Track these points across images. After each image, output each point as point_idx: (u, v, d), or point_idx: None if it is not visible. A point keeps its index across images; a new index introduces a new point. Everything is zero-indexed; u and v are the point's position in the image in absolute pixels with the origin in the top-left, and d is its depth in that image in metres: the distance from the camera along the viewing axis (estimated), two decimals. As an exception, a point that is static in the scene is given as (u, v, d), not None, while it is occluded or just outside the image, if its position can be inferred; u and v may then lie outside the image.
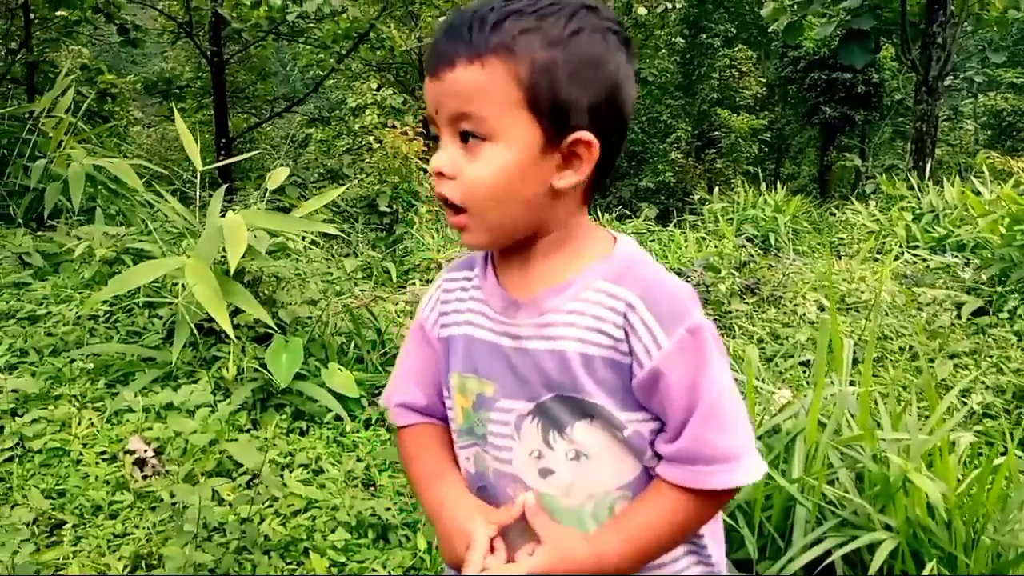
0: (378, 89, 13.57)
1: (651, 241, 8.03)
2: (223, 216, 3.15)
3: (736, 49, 17.13)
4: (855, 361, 3.79)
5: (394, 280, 5.33)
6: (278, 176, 3.71)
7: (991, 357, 3.61)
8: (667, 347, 0.84)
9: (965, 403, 3.16)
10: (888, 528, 1.77)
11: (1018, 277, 4.41)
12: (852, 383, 2.32)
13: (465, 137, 0.84)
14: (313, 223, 3.36)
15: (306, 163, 14.63)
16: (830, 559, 1.75)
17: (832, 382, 2.20)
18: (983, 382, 3.33)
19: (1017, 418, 3.01)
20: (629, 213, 10.81)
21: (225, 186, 3.50)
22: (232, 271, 2.67)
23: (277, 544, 2.07)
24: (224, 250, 2.92)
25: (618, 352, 0.86)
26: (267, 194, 3.74)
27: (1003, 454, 2.40)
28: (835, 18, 11.03)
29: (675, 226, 8.93)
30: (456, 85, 0.83)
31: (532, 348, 0.89)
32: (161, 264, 2.88)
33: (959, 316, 4.23)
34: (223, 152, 12.17)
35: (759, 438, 2.09)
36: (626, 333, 0.85)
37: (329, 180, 12.09)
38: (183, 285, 2.98)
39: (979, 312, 4.35)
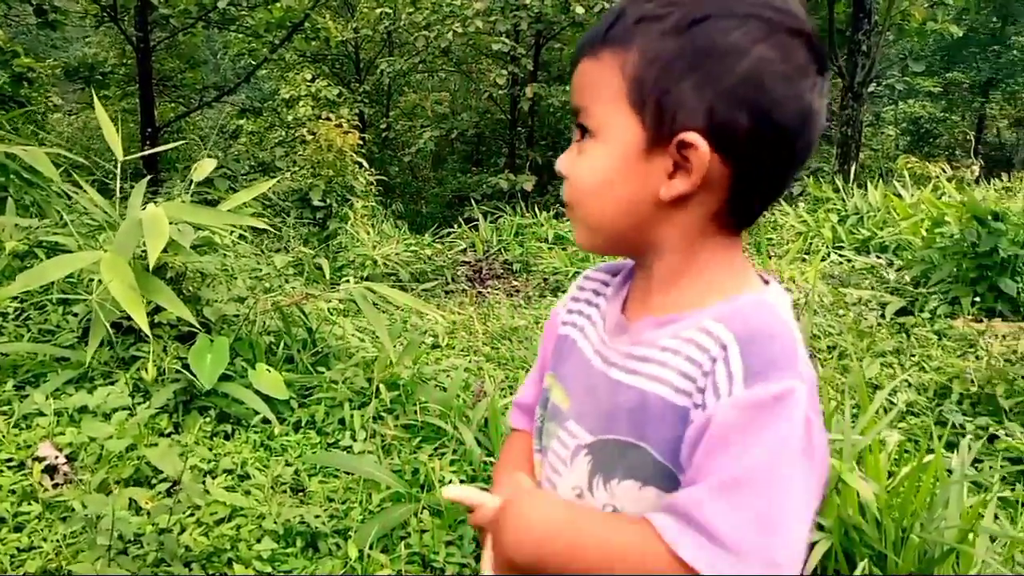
0: (313, 80, 13.28)
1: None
2: (144, 209, 3.01)
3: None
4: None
5: (327, 277, 5.20)
6: (204, 167, 3.56)
7: (913, 356, 3.73)
8: (738, 396, 0.67)
9: (893, 403, 3.25)
10: (820, 528, 1.78)
11: (938, 278, 4.57)
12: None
13: (582, 133, 0.79)
14: (240, 217, 3.23)
15: (236, 155, 14.21)
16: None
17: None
18: (907, 380, 3.43)
19: (938, 416, 3.11)
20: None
21: (149, 177, 3.34)
22: (152, 266, 2.53)
23: (199, 555, 1.97)
24: (144, 244, 2.78)
25: (694, 404, 0.70)
26: (192, 186, 3.59)
27: (929, 452, 2.46)
28: (766, 23, 11.27)
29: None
30: (577, 78, 0.78)
31: (615, 377, 0.79)
32: (76, 258, 2.72)
33: (883, 316, 4.36)
34: (149, 142, 11.71)
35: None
36: (707, 377, 0.70)
37: (260, 172, 11.75)
38: (100, 281, 2.83)
39: (902, 312, 4.49)
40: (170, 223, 3.07)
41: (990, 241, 4.28)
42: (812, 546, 1.71)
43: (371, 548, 2.07)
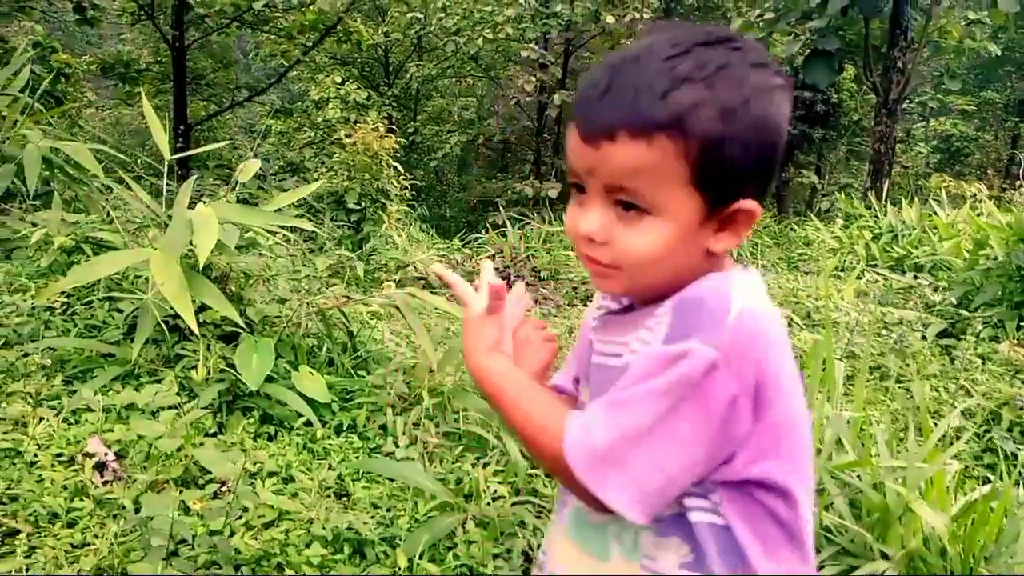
0: (342, 83, 13.36)
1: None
2: (191, 208, 3.02)
3: (701, 63, 17.33)
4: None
5: (362, 279, 5.21)
6: (250, 168, 3.58)
7: (958, 380, 3.66)
8: (651, 349, 0.79)
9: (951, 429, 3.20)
10: (885, 557, 1.74)
11: (982, 301, 4.50)
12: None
13: (623, 206, 0.81)
14: (286, 218, 3.24)
15: (266, 154, 14.33)
16: (827, 587, 1.72)
17: (824, 405, 2.17)
18: (953, 405, 3.37)
19: (987, 443, 3.05)
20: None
21: (196, 177, 3.35)
22: (202, 264, 2.54)
23: (249, 559, 1.96)
24: (192, 243, 2.79)
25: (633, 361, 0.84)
26: (237, 186, 3.60)
27: (986, 482, 2.41)
28: (801, 37, 11.21)
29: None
30: (618, 158, 0.78)
31: (599, 363, 0.92)
32: (126, 256, 2.74)
33: (924, 337, 4.29)
34: (181, 140, 11.83)
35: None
36: (648, 340, 0.82)
37: (289, 173, 11.84)
38: (147, 278, 2.84)
39: (943, 334, 4.42)
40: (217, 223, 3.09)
41: (1037, 264, 4.21)
42: (878, 575, 1.68)
43: (419, 557, 2.06)
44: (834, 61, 10.78)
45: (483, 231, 8.64)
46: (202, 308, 2.95)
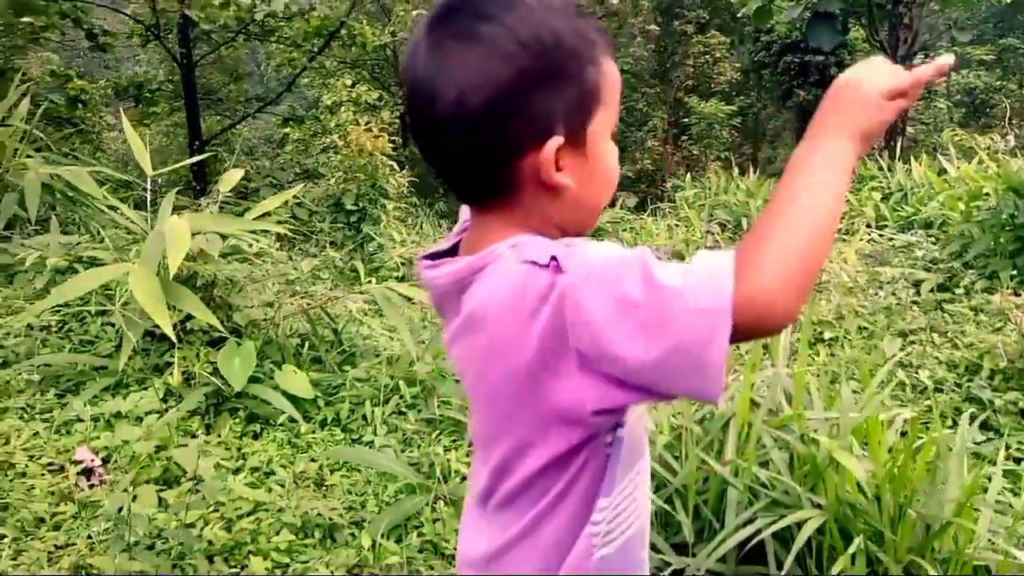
0: (353, 86, 13.50)
1: (624, 230, 8.05)
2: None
3: (709, 35, 17.12)
4: (818, 341, 3.82)
5: (363, 279, 5.31)
6: (231, 178, 3.69)
7: (947, 333, 3.65)
8: None
9: (918, 378, 3.20)
10: (818, 506, 1.79)
11: (976, 252, 4.45)
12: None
13: None
14: (264, 224, 3.34)
15: (283, 163, 14.56)
16: (760, 537, 1.77)
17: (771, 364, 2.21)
18: (936, 357, 3.36)
19: (968, 392, 3.04)
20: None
21: (173, 191, 3.47)
22: (172, 275, 2.65)
23: (220, 549, 2.07)
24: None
25: None
26: (220, 196, 3.72)
27: (952, 427, 2.43)
28: (803, 0, 11.05)
29: (649, 214, 8.96)
30: None
31: None
32: (106, 271, 2.87)
33: (918, 293, 4.26)
34: (197, 155, 12.08)
35: (699, 422, 2.10)
36: None
37: (305, 179, 12.03)
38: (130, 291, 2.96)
39: (942, 288, 4.39)
40: (198, 233, 3.21)
41: (1028, 212, 4.16)
42: (806, 522, 1.72)
43: (385, 537, 2.15)
44: (837, 23, 10.61)
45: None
46: (191, 316, 3.08)
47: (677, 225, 7.71)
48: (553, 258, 0.68)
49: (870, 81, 0.74)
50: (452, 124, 0.74)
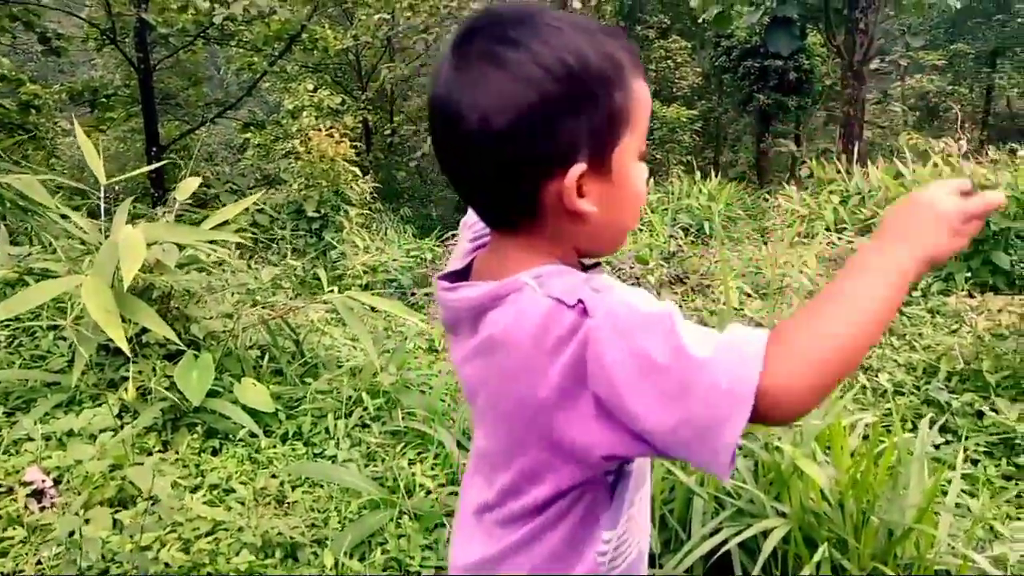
0: (314, 91, 13.36)
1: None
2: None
3: (671, 40, 17.31)
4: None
5: (325, 288, 5.25)
6: (188, 186, 3.61)
7: (905, 336, 3.70)
8: None
9: (878, 382, 3.24)
10: (783, 515, 1.79)
11: (932, 256, 4.53)
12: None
13: None
14: (221, 233, 3.27)
15: (243, 169, 14.36)
16: (727, 547, 1.76)
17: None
18: (895, 360, 3.41)
19: (926, 395, 3.09)
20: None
21: (129, 199, 3.39)
22: (127, 287, 2.58)
23: (178, 571, 2.01)
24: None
25: None
26: (177, 204, 3.64)
27: (913, 430, 2.45)
28: (761, 6, 11.21)
29: (613, 219, 8.99)
30: None
31: None
32: (58, 283, 2.77)
33: (877, 296, 4.33)
34: (155, 161, 11.86)
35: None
36: None
37: (266, 185, 11.87)
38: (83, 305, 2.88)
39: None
40: (153, 243, 3.13)
41: (982, 215, 4.24)
42: (772, 532, 1.72)
43: (348, 556, 2.11)
44: (795, 28, 10.78)
45: (461, 228, 8.65)
46: (145, 329, 3.00)
47: (641, 229, 7.75)
48: (580, 301, 0.67)
49: (946, 205, 0.73)
50: (476, 142, 0.73)
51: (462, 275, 0.86)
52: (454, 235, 8.67)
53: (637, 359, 0.64)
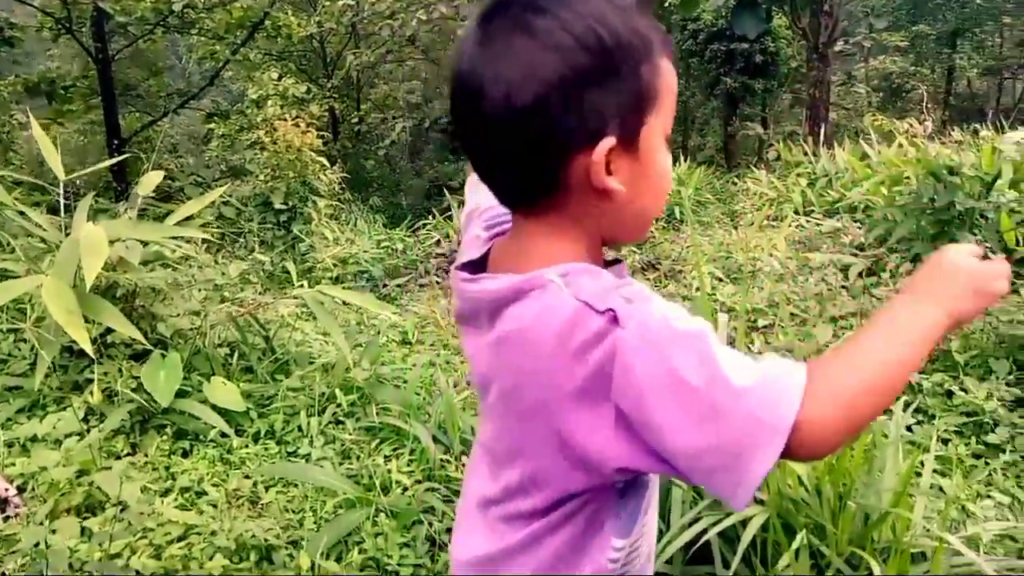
0: (279, 79, 13.14)
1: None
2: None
3: (638, 23, 17.30)
4: (753, 329, 3.88)
5: (295, 282, 5.17)
6: (151, 180, 3.53)
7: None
8: None
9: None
10: (761, 503, 1.79)
11: (899, 237, 4.58)
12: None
13: None
14: (185, 229, 3.20)
15: (208, 160, 14.11)
16: (706, 537, 1.76)
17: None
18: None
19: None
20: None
21: (91, 195, 3.30)
22: (89, 286, 2.51)
23: (149, 577, 1.97)
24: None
25: None
26: (140, 199, 3.55)
27: (886, 412, 2.47)
28: (727, -11, 11.22)
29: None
30: None
31: None
32: (17, 284, 2.69)
33: (847, 278, 4.37)
34: (116, 154, 11.60)
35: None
36: None
37: (231, 177, 11.67)
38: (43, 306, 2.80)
39: (870, 273, 4.50)
40: (116, 241, 3.05)
41: (947, 196, 4.29)
42: (750, 520, 1.73)
43: (325, 557, 2.07)
44: (760, 11, 10.80)
45: (432, 217, 8.59)
46: (110, 330, 2.93)
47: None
48: (610, 309, 0.65)
49: (973, 269, 0.75)
50: (501, 117, 0.70)
51: (479, 265, 0.83)
52: (425, 224, 8.61)
53: (670, 377, 0.62)
